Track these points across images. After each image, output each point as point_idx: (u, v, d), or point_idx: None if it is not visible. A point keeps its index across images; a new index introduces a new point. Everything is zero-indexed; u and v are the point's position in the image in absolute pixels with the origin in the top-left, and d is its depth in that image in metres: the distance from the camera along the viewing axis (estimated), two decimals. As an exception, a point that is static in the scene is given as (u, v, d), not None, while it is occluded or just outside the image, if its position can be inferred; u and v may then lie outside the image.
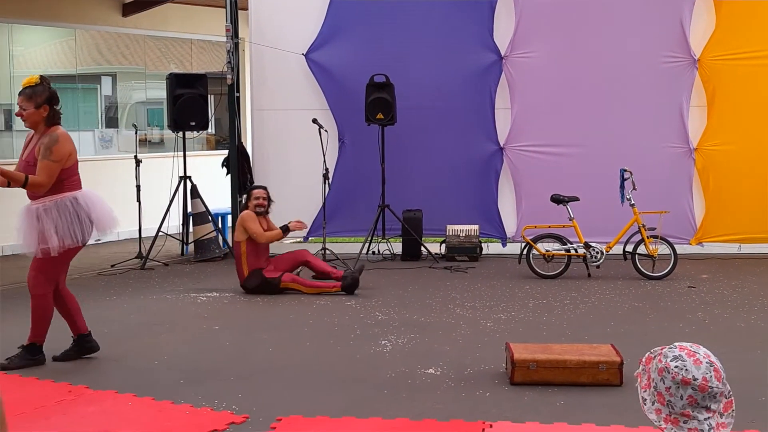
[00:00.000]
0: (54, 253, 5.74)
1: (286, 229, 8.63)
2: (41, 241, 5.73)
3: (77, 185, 5.91)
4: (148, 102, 14.15)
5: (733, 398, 2.40)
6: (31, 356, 5.93)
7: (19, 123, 12.62)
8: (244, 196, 9.14)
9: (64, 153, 5.71)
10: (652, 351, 2.48)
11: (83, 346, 6.11)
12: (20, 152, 5.97)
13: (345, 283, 8.27)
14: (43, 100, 5.71)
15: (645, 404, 2.43)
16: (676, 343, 2.43)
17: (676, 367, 2.36)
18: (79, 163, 6.02)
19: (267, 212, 8.70)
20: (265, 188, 8.80)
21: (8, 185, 5.77)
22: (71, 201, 5.81)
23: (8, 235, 7.40)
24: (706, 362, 2.36)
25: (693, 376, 2.33)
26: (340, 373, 5.69)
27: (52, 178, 5.68)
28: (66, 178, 5.79)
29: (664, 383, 2.37)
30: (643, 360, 2.49)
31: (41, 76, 5.81)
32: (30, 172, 5.70)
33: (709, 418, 2.35)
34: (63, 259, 5.88)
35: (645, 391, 2.44)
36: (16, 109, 5.89)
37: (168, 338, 6.70)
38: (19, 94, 5.76)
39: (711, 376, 2.34)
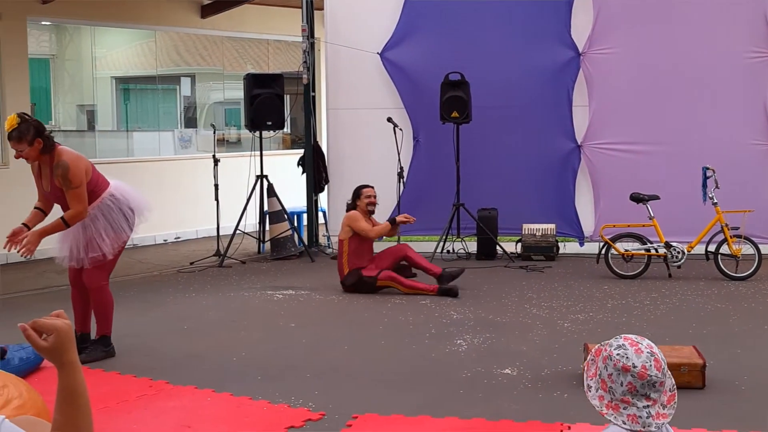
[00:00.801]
0: (110, 256, 5.96)
1: (393, 221, 8.58)
2: (91, 249, 5.89)
3: (105, 183, 6.07)
4: (225, 102, 14.35)
5: (676, 392, 2.54)
6: (104, 347, 6.11)
7: (102, 123, 12.94)
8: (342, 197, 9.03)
9: (81, 174, 5.81)
10: (602, 343, 2.59)
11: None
12: (35, 182, 6.03)
13: (443, 287, 8.17)
14: (32, 135, 5.70)
15: (590, 391, 2.55)
16: (623, 335, 2.56)
17: (618, 354, 2.48)
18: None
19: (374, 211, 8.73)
20: (373, 187, 8.77)
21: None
22: (110, 199, 5.99)
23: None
24: (648, 352, 2.47)
25: (633, 363, 2.45)
26: (415, 371, 5.67)
27: (85, 201, 5.82)
28: (95, 186, 5.95)
29: (606, 370, 2.49)
30: (593, 351, 2.60)
31: (18, 114, 5.77)
32: (62, 201, 5.86)
33: (648, 406, 2.47)
34: (118, 252, 6.08)
35: (591, 379, 2.56)
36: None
37: (246, 335, 6.77)
38: (9, 140, 5.75)
39: (651, 365, 2.45)
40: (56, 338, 2.04)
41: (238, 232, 10.32)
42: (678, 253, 8.86)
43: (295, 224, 11.18)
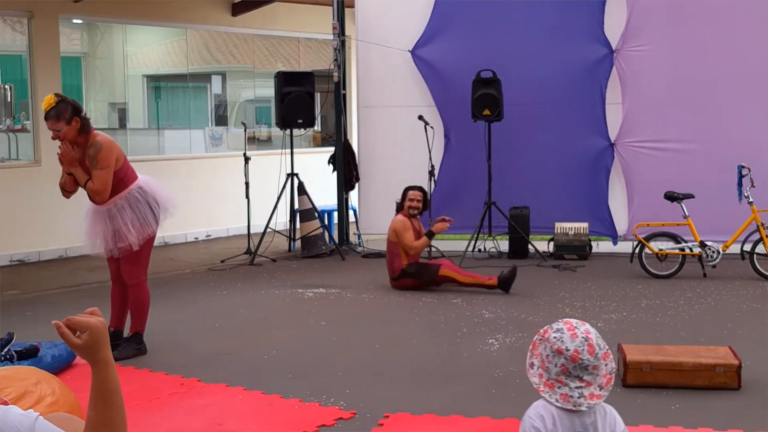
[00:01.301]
0: (136, 247, 5.97)
1: (431, 235, 8.45)
2: (118, 239, 5.93)
3: (134, 175, 6.10)
4: (256, 100, 14.39)
5: (614, 375, 2.74)
6: (136, 345, 6.14)
7: (133, 121, 12.99)
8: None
9: (111, 158, 5.84)
10: (549, 325, 2.79)
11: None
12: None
13: (502, 277, 8.09)
14: (70, 114, 5.74)
15: (531, 368, 2.78)
16: (564, 319, 2.77)
17: (554, 337, 2.71)
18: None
19: (421, 214, 8.66)
20: (420, 189, 8.63)
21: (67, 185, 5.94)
22: (138, 191, 6.03)
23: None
24: (582, 337, 2.69)
25: (566, 347, 2.68)
26: (446, 371, 5.64)
27: (107, 185, 5.85)
28: (124, 176, 5.98)
29: (545, 351, 2.73)
30: (541, 331, 2.81)
31: (55, 94, 5.81)
32: None
33: (581, 387, 2.68)
34: (147, 245, 6.11)
35: (536, 358, 2.78)
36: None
37: (276, 333, 6.77)
38: (47, 119, 5.78)
39: (583, 350, 2.67)
40: (90, 336, 2.03)
41: (268, 230, 10.33)
42: (713, 252, 8.75)
43: (326, 222, 11.18)
